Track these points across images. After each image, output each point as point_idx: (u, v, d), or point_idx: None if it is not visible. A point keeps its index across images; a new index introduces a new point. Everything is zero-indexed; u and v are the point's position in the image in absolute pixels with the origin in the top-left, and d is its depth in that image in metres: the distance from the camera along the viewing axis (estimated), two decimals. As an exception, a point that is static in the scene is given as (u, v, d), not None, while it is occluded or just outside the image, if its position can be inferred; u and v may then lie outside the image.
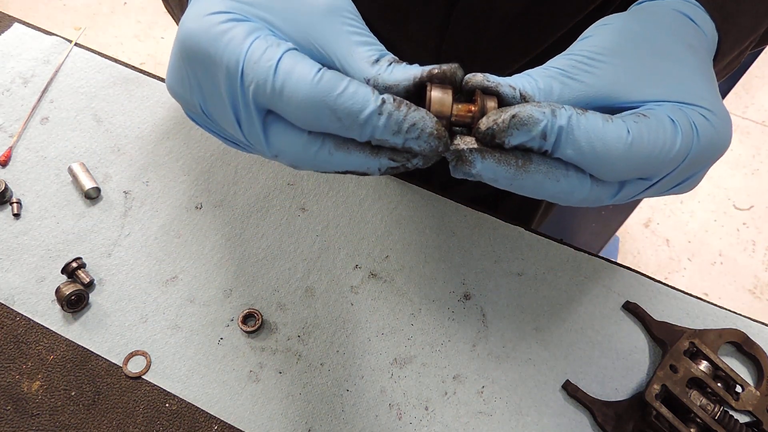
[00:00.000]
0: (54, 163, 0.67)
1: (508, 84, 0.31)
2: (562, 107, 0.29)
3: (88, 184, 0.64)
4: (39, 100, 0.72)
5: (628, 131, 0.29)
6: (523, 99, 0.31)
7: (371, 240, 0.64)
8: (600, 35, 0.33)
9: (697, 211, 1.96)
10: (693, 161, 0.31)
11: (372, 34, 0.33)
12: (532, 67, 0.36)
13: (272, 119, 0.31)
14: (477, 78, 0.32)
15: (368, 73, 0.30)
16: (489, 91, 0.31)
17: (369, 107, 0.28)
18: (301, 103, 0.28)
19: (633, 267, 0.65)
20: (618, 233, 1.75)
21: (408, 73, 0.30)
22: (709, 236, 1.90)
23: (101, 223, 0.63)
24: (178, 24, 0.48)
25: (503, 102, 0.31)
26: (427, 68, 0.30)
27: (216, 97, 0.31)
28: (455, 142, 0.31)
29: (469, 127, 0.31)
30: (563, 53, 0.34)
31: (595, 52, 0.32)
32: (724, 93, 0.99)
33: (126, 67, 0.76)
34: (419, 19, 0.55)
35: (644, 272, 0.64)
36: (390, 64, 0.31)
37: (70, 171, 0.65)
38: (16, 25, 0.78)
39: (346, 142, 0.30)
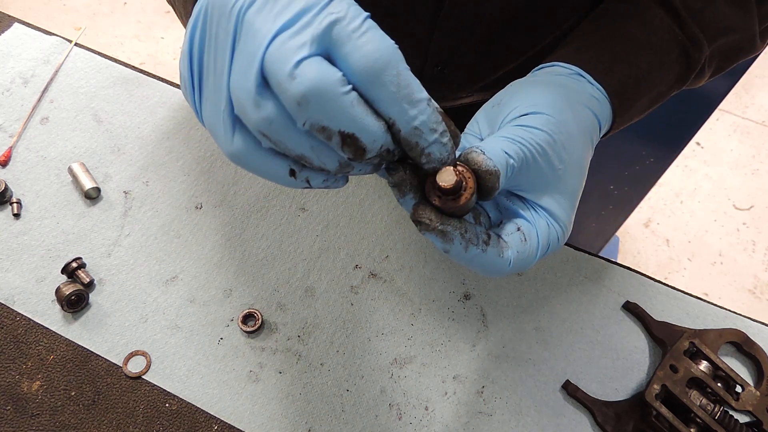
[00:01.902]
0: (54, 163, 0.67)
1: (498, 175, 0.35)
2: (476, 244, 0.35)
3: (88, 184, 0.64)
4: (39, 100, 0.72)
5: (510, 263, 0.36)
6: (497, 188, 0.36)
7: (371, 240, 0.64)
8: (545, 133, 0.38)
9: (697, 211, 1.96)
10: None
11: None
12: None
13: (274, 97, 0.30)
14: (495, 177, 0.34)
15: (415, 122, 0.32)
16: (484, 188, 0.35)
17: (425, 94, 0.31)
18: (308, 84, 0.28)
19: (633, 267, 0.65)
20: (618, 233, 1.75)
21: (446, 153, 0.33)
22: (709, 236, 1.90)
23: (101, 223, 0.63)
24: (182, 20, 0.48)
25: (484, 185, 0.36)
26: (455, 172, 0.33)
27: (222, 47, 0.31)
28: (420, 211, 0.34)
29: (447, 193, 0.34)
30: (513, 136, 0.37)
31: (538, 152, 0.38)
32: (724, 93, 0.99)
33: (126, 67, 0.76)
34: (406, 21, 0.55)
35: (644, 272, 0.64)
36: (437, 134, 0.32)
37: (70, 171, 0.65)
38: (16, 25, 0.78)
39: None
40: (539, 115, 0.39)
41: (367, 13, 0.31)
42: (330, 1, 0.30)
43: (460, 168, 0.34)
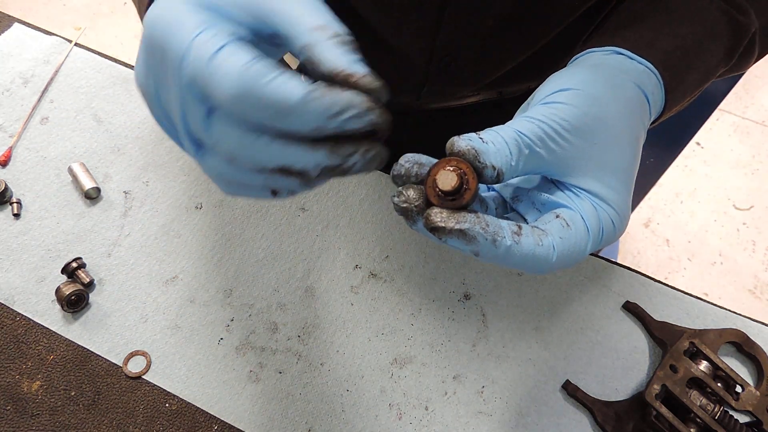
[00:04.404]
0: (54, 163, 0.67)
1: (491, 164, 0.32)
2: (503, 236, 0.32)
3: (88, 184, 0.64)
4: (39, 100, 0.72)
5: (554, 248, 0.33)
6: (497, 177, 0.33)
7: (371, 240, 0.64)
8: (571, 107, 0.35)
9: (697, 211, 1.96)
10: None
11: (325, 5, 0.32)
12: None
13: (214, 113, 0.30)
14: (469, 155, 0.32)
15: (307, 39, 0.30)
16: (476, 169, 0.33)
17: (297, 94, 0.27)
18: (229, 91, 0.28)
19: (633, 267, 0.65)
20: (618, 233, 1.74)
21: (339, 61, 0.29)
22: (709, 236, 1.90)
23: (101, 223, 0.63)
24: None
25: (480, 178, 0.33)
26: (358, 70, 0.29)
27: (168, 87, 0.31)
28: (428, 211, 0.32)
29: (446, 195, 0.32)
30: (535, 115, 0.35)
31: (564, 128, 0.34)
32: (724, 93, 0.99)
33: (126, 67, 0.76)
34: (412, 15, 0.55)
35: (644, 272, 0.64)
36: (331, 38, 0.29)
37: (70, 171, 0.65)
38: (16, 25, 0.78)
39: (286, 134, 0.29)
40: (566, 91, 0.36)
41: (218, 38, 0.29)
42: (191, 39, 0.29)
43: (457, 164, 0.32)
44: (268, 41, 0.32)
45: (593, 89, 0.36)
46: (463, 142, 0.33)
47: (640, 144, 0.38)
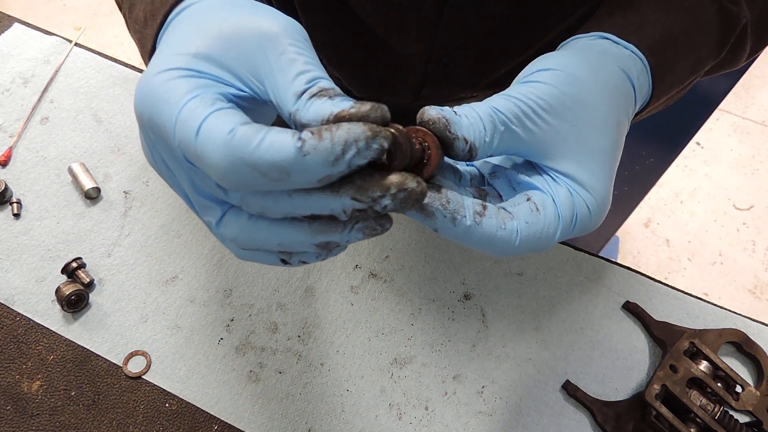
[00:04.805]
0: (54, 163, 0.67)
1: (463, 137, 0.31)
2: (464, 215, 0.31)
3: (88, 184, 0.64)
4: (39, 100, 0.72)
5: (518, 233, 0.32)
6: (470, 152, 0.32)
7: (371, 240, 0.64)
8: (549, 86, 0.34)
9: (697, 211, 1.96)
10: (560, 240, 0.35)
11: (314, 59, 0.30)
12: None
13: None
14: (439, 123, 0.31)
15: (291, 108, 0.28)
16: (444, 142, 0.31)
17: (289, 152, 0.25)
18: (220, 165, 0.26)
19: (633, 267, 0.65)
20: (618, 233, 1.75)
21: (322, 110, 0.27)
22: (709, 236, 1.90)
23: (101, 223, 0.63)
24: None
25: (452, 151, 0.32)
26: (344, 105, 0.27)
27: (174, 164, 0.30)
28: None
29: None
30: (513, 93, 0.34)
31: (541, 106, 0.33)
32: (724, 93, 0.99)
33: (126, 67, 0.76)
34: (410, 16, 0.55)
35: (644, 272, 0.64)
36: (311, 97, 0.28)
37: (70, 171, 0.65)
38: (16, 25, 0.78)
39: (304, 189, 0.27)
40: (546, 71, 0.35)
41: (207, 104, 0.27)
42: (179, 108, 0.27)
43: (423, 136, 0.30)
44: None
45: (574, 70, 0.35)
46: (434, 110, 0.31)
47: (622, 129, 0.37)
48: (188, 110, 0.27)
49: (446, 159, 0.35)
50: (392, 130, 0.27)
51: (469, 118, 0.32)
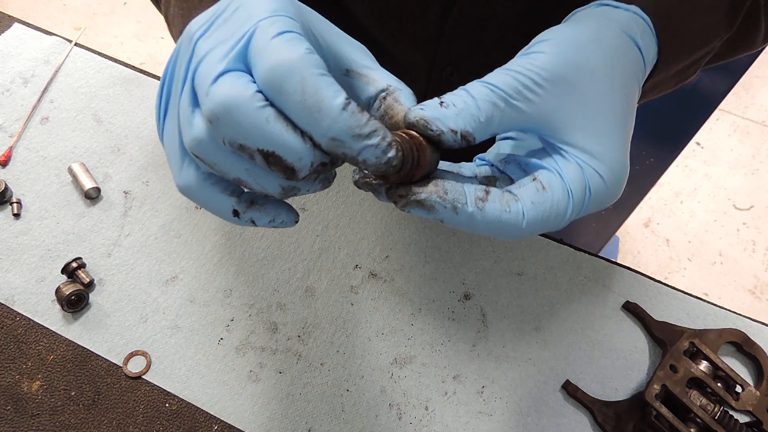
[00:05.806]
0: (54, 163, 0.67)
1: (449, 129, 0.31)
2: (464, 203, 0.31)
3: (88, 184, 0.64)
4: (39, 100, 0.72)
5: (524, 214, 0.31)
6: (464, 139, 0.32)
7: (371, 240, 0.64)
8: (549, 55, 0.33)
9: (697, 211, 1.96)
10: (578, 216, 0.34)
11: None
12: None
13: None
14: (419, 125, 0.31)
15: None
16: (430, 139, 0.32)
17: (338, 99, 0.27)
18: (277, 64, 0.27)
19: (633, 267, 0.65)
20: (618, 233, 1.75)
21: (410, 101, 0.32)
22: (709, 236, 1.90)
23: (101, 223, 0.63)
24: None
25: (443, 145, 0.32)
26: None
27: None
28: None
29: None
30: (511, 66, 0.34)
31: (542, 76, 0.32)
32: (724, 93, 0.99)
33: (126, 67, 0.76)
34: (415, 24, 0.55)
35: (644, 272, 0.64)
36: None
37: (70, 171, 0.65)
38: (16, 25, 0.78)
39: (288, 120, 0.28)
40: (545, 41, 0.34)
41: (290, 26, 0.28)
42: (264, 17, 0.28)
43: (410, 139, 0.31)
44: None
45: (574, 37, 0.34)
46: (413, 113, 0.32)
47: (632, 94, 0.35)
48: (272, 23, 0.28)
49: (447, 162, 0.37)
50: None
51: (457, 105, 0.32)
